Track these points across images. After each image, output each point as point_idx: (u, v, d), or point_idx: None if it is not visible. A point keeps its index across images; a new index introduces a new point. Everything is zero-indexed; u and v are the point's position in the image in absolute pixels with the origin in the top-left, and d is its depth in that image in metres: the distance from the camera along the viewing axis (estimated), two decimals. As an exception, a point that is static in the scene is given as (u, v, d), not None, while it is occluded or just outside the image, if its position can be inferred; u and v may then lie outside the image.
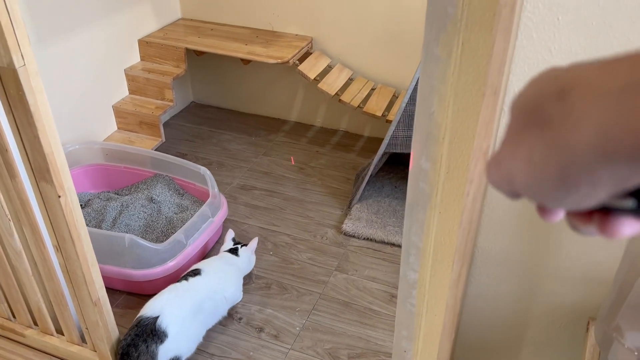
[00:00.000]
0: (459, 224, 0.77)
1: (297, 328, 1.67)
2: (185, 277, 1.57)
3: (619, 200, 0.25)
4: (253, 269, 1.83)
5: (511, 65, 0.83)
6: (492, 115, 0.66)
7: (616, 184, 0.24)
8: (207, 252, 1.92)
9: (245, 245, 1.78)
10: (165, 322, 1.41)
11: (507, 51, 0.64)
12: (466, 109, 0.67)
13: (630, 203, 0.25)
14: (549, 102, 0.26)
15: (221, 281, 1.61)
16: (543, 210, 0.30)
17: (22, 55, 0.98)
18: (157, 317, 1.41)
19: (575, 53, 0.79)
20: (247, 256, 1.76)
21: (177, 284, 1.54)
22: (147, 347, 1.37)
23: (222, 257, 1.71)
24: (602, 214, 0.27)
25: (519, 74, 0.84)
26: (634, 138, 0.22)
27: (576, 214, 0.28)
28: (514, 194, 0.29)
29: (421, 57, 0.68)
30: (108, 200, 2.02)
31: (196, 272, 1.58)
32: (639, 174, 0.23)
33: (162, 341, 1.39)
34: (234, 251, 1.74)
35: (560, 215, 0.29)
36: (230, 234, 1.82)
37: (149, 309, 1.44)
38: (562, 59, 0.80)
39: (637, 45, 0.77)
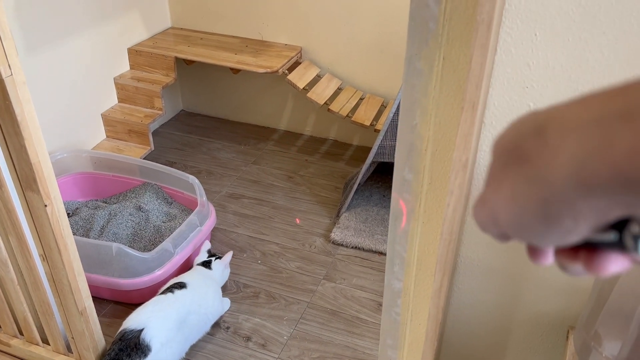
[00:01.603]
0: (440, 234, 0.78)
1: (285, 337, 1.67)
2: (171, 290, 1.53)
3: (602, 234, 0.25)
4: (227, 280, 1.81)
5: (491, 80, 0.85)
6: (471, 129, 0.67)
7: (597, 216, 0.24)
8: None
9: (220, 258, 1.75)
10: (149, 336, 1.38)
11: (485, 66, 0.65)
12: (447, 122, 0.69)
13: (612, 236, 0.25)
14: (527, 140, 0.27)
15: (206, 296, 1.59)
16: (533, 251, 0.30)
17: (9, 65, 0.99)
18: (141, 330, 1.38)
19: (553, 67, 0.81)
20: (221, 269, 1.72)
21: (162, 296, 1.50)
22: None
23: (200, 271, 1.68)
24: (588, 251, 0.27)
25: (499, 88, 0.85)
26: (609, 168, 0.22)
27: (563, 252, 0.28)
28: (502, 235, 0.29)
29: (404, 70, 0.70)
30: (96, 208, 2.01)
31: (182, 285, 1.55)
32: (618, 205, 0.23)
33: (145, 355, 1.36)
34: (206, 264, 1.71)
35: (549, 257, 0.29)
36: (206, 246, 1.79)
37: (133, 321, 1.41)
38: (540, 73, 0.82)
39: (609, 58, 0.79)
